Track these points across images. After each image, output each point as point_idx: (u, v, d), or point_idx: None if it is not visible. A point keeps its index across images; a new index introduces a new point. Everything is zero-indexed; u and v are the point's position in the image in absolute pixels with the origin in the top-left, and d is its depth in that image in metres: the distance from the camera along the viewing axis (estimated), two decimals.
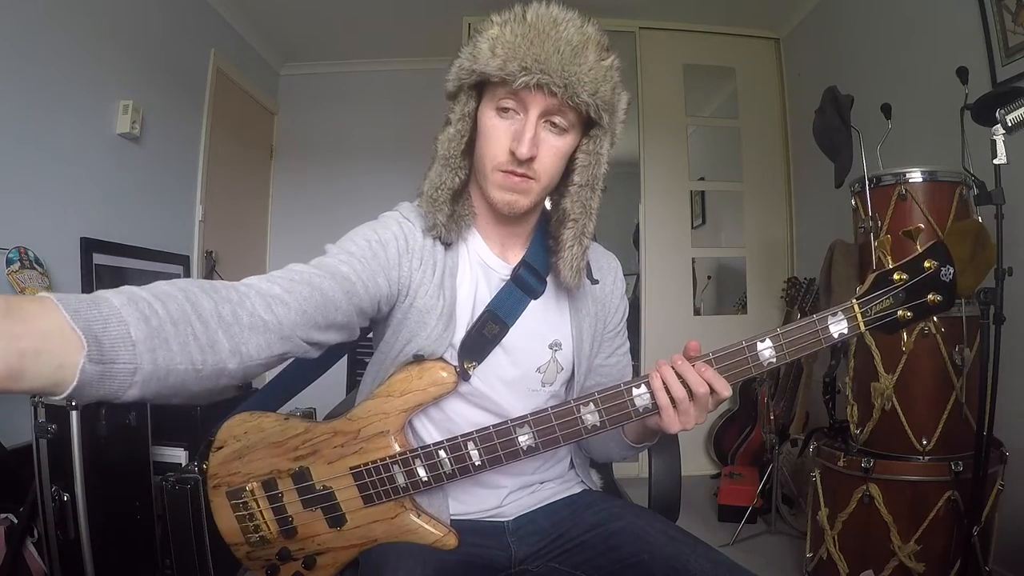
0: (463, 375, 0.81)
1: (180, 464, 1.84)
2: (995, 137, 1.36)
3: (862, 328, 0.72)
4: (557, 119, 0.75)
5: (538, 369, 0.87)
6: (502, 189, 0.78)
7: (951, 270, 0.71)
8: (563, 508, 0.91)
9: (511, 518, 0.90)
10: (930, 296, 0.71)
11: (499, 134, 0.76)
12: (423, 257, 0.81)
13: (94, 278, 2.09)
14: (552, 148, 0.77)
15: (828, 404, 2.01)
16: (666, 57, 3.28)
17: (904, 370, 1.58)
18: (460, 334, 0.83)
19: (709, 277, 3.60)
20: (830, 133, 1.79)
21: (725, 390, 0.71)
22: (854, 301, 0.72)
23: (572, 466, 1.00)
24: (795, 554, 2.05)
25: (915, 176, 1.61)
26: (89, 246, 2.09)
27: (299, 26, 3.28)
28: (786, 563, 2.03)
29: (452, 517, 0.86)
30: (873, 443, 1.64)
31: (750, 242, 3.30)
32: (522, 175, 0.77)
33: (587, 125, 0.79)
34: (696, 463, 3.08)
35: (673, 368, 0.71)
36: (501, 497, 0.90)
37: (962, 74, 1.56)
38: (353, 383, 1.46)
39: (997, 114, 1.35)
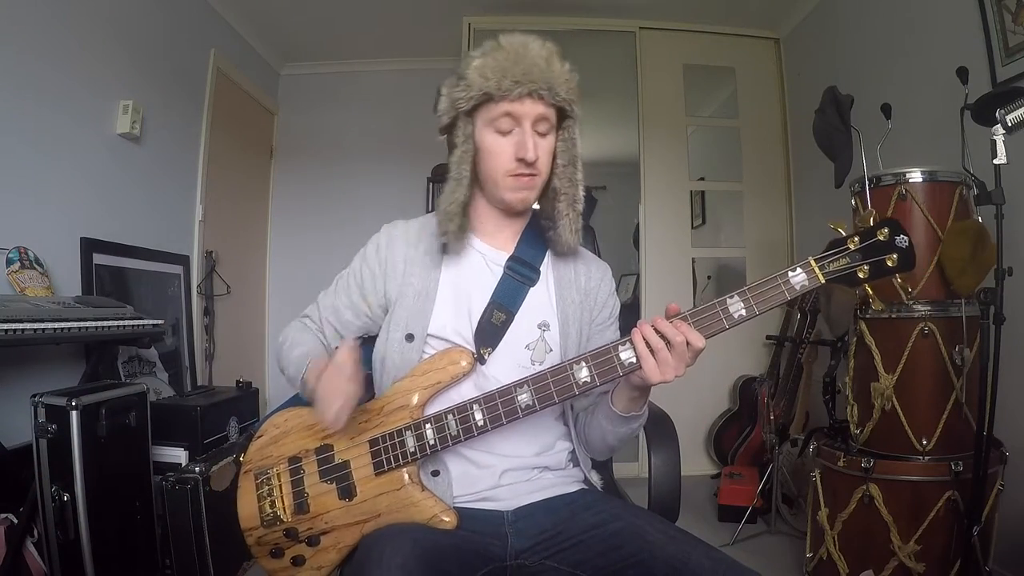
0: (479, 359, 0.93)
1: (180, 464, 1.84)
2: (995, 137, 1.35)
3: (821, 279, 0.81)
4: (543, 125, 0.91)
5: (527, 346, 0.96)
6: (515, 190, 0.93)
7: (906, 239, 0.80)
8: (563, 508, 0.92)
9: (511, 509, 0.92)
10: (887, 258, 0.80)
11: (503, 148, 0.91)
12: (390, 259, 0.99)
13: (94, 278, 2.09)
14: (545, 148, 0.93)
15: (828, 404, 2.01)
16: (666, 57, 3.28)
17: (904, 370, 1.58)
18: (469, 320, 0.95)
19: (709, 277, 3.60)
20: (830, 133, 1.79)
21: (699, 341, 0.80)
22: (811, 258, 0.82)
23: (573, 463, 1.02)
24: (795, 554, 2.05)
25: (915, 176, 1.61)
26: (89, 246, 2.09)
27: (299, 26, 3.28)
28: (786, 563, 2.03)
29: (454, 502, 0.90)
30: (873, 443, 1.64)
31: (750, 242, 3.29)
32: (529, 174, 0.92)
33: (559, 119, 0.94)
34: (696, 463, 3.08)
35: (653, 325, 0.81)
36: (496, 476, 0.93)
37: (962, 74, 1.56)
38: None
39: (997, 114, 1.35)
